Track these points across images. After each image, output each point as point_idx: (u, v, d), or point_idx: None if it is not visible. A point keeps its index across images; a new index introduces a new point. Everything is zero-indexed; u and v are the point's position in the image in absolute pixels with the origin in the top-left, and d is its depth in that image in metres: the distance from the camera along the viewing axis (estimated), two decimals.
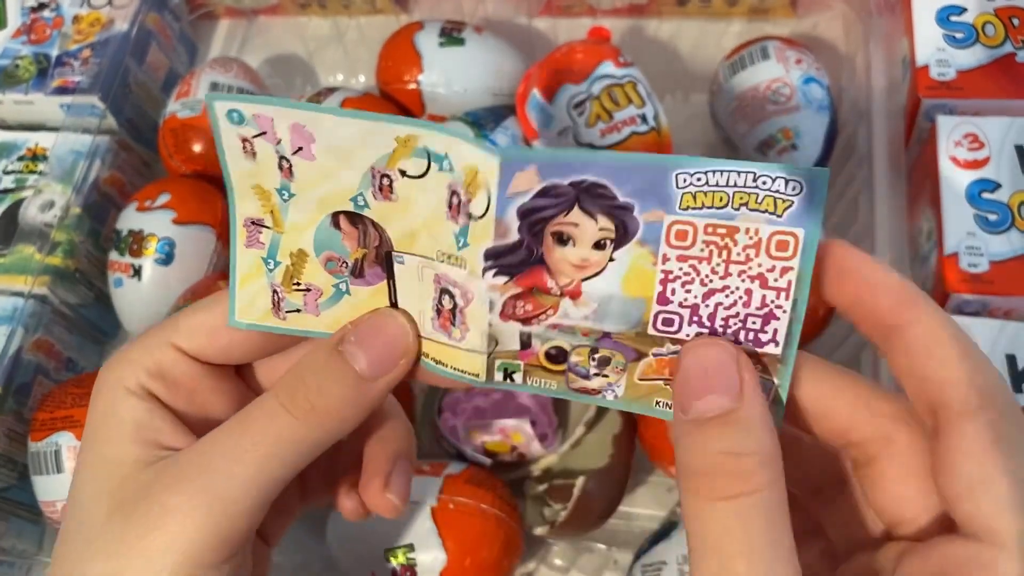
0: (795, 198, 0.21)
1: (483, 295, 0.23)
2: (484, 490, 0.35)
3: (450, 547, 0.34)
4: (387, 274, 0.25)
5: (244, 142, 0.24)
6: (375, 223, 0.24)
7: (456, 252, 0.23)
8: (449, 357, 0.24)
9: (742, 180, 0.21)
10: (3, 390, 0.41)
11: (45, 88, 0.50)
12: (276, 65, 0.57)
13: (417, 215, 0.24)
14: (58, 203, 0.45)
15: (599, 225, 0.22)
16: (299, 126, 0.24)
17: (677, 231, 0.22)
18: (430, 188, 0.23)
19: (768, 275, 0.21)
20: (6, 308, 0.43)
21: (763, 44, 0.44)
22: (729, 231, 0.21)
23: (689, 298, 0.22)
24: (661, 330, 0.23)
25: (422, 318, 0.24)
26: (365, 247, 0.24)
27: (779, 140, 0.42)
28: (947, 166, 0.41)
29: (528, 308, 0.23)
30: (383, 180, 0.24)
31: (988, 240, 0.39)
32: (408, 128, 0.23)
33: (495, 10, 0.51)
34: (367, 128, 0.23)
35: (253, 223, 0.25)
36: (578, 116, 0.43)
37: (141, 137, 0.52)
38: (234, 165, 0.25)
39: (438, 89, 0.47)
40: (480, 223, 0.22)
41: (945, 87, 0.43)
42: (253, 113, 0.24)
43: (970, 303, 0.38)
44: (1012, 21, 0.44)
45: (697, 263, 0.22)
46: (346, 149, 0.24)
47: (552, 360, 0.24)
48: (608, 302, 0.23)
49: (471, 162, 0.22)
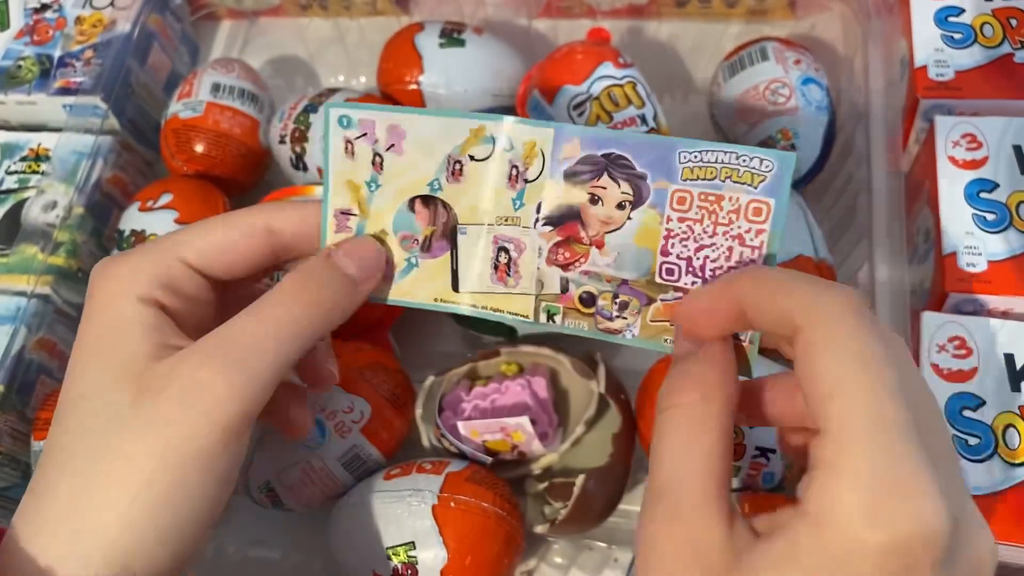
0: (768, 174, 0.27)
1: (534, 242, 0.29)
2: (485, 488, 0.35)
3: (451, 545, 0.34)
4: (451, 245, 0.31)
5: (347, 143, 0.30)
6: (445, 203, 0.30)
7: (513, 213, 0.30)
8: (504, 303, 0.30)
9: (728, 159, 0.27)
10: (6, 389, 0.41)
11: (48, 89, 0.51)
12: (278, 66, 0.57)
13: (480, 191, 0.30)
14: (61, 203, 0.45)
15: (621, 189, 0.28)
16: (395, 126, 0.30)
17: (678, 197, 0.28)
18: (493, 166, 0.29)
19: (745, 235, 0.27)
20: (9, 308, 0.43)
21: (762, 45, 0.45)
22: (717, 198, 0.28)
23: (684, 251, 0.28)
24: (665, 279, 0.28)
25: (481, 277, 0.30)
26: (435, 225, 0.30)
27: (778, 140, 0.42)
28: (945, 166, 0.41)
29: (566, 255, 0.29)
30: (456, 165, 0.30)
31: (986, 240, 0.39)
32: (479, 120, 0.29)
33: (495, 11, 0.51)
34: (447, 123, 0.30)
35: (342, 213, 0.31)
36: (578, 117, 0.43)
37: (143, 137, 0.52)
38: (335, 164, 0.31)
39: (439, 90, 0.47)
40: (534, 184, 0.29)
41: (943, 87, 0.43)
42: (360, 118, 0.30)
43: (968, 302, 0.39)
44: (1010, 22, 0.44)
45: (692, 223, 0.28)
46: (429, 142, 0.30)
47: (584, 303, 0.30)
48: (625, 251, 0.29)
49: (530, 138, 0.29)
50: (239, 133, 0.48)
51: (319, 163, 0.45)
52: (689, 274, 0.28)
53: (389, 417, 0.38)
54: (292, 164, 0.46)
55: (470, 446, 0.37)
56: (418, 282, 0.31)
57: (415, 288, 0.31)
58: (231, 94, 0.48)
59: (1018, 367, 0.37)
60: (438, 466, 0.36)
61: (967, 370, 0.37)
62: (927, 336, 0.38)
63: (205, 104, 0.47)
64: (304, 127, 0.45)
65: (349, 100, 0.46)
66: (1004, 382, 0.36)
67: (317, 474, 0.37)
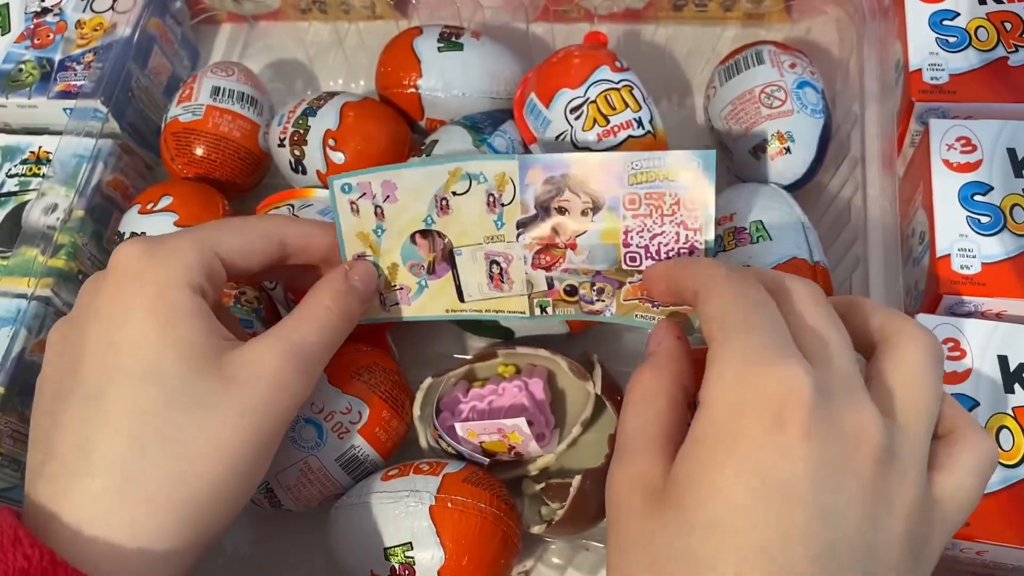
0: (696, 170, 0.34)
1: (519, 253, 0.36)
2: (482, 489, 0.36)
3: (448, 545, 0.34)
4: (451, 265, 0.37)
5: (351, 204, 0.37)
6: (439, 233, 0.37)
7: (497, 232, 0.36)
8: (503, 304, 0.37)
9: (662, 163, 0.34)
10: (6, 391, 0.42)
11: (48, 92, 0.51)
12: (277, 69, 0.57)
13: (466, 218, 0.36)
14: (61, 206, 0.45)
15: (582, 200, 0.35)
16: (388, 181, 0.36)
17: (629, 199, 0.35)
18: (473, 198, 0.36)
19: (687, 221, 0.34)
20: (9, 310, 0.43)
21: (757, 49, 0.45)
22: (659, 196, 0.34)
23: (642, 241, 0.35)
24: (629, 265, 0.35)
25: (480, 287, 0.37)
26: (435, 251, 0.37)
27: (773, 143, 0.43)
28: (940, 169, 0.41)
29: (547, 259, 0.36)
30: (442, 202, 0.36)
31: (980, 242, 0.39)
32: (455, 163, 0.36)
33: (493, 15, 0.52)
34: (428, 171, 0.36)
35: (359, 256, 0.38)
36: (575, 120, 0.43)
37: (143, 140, 0.52)
38: (345, 222, 0.37)
39: (437, 93, 0.47)
40: (510, 207, 0.35)
41: (938, 91, 0.43)
42: (357, 182, 0.37)
43: (962, 304, 0.39)
44: (1004, 25, 0.44)
45: (644, 218, 0.34)
46: (417, 188, 0.36)
47: (568, 294, 0.36)
48: (595, 249, 0.35)
49: (499, 170, 0.35)
50: (239, 136, 0.48)
51: (318, 167, 0.46)
52: (648, 259, 0.35)
53: (387, 418, 0.39)
54: (291, 167, 0.47)
55: (467, 447, 0.38)
56: (429, 299, 0.38)
57: (428, 304, 0.38)
58: (231, 98, 0.48)
59: (1012, 369, 0.37)
60: (435, 467, 0.37)
61: (961, 372, 0.37)
62: None
63: (205, 107, 0.47)
64: (303, 130, 0.46)
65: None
66: (998, 384, 0.37)
67: (315, 475, 0.38)
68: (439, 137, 0.45)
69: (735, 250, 0.40)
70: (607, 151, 0.38)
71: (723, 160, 0.47)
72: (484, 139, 0.44)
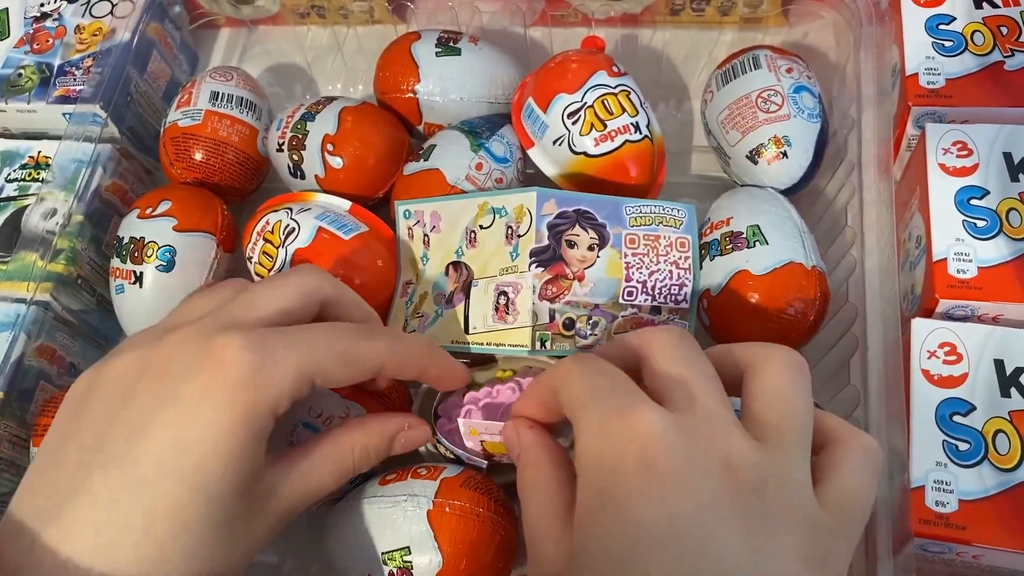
0: (683, 219, 0.41)
1: (529, 282, 0.37)
2: (480, 493, 0.36)
3: (445, 550, 0.34)
4: (466, 296, 0.39)
5: (409, 229, 0.42)
6: (466, 264, 0.39)
7: (511, 263, 0.38)
8: (504, 337, 0.38)
9: (658, 210, 0.40)
10: (6, 396, 0.42)
11: (47, 97, 0.51)
12: (276, 74, 0.58)
13: (488, 252, 0.39)
14: (60, 210, 0.45)
15: (590, 235, 0.38)
16: (435, 212, 0.41)
17: (629, 239, 0.39)
18: (495, 232, 0.39)
19: (679, 261, 0.40)
20: (9, 314, 0.43)
21: (754, 53, 0.45)
22: (656, 238, 0.39)
23: (640, 276, 0.39)
24: (626, 299, 0.39)
25: (484, 319, 0.38)
26: (458, 283, 0.39)
27: (770, 148, 0.43)
28: (936, 173, 0.41)
29: (554, 290, 0.37)
30: (471, 234, 0.39)
31: (976, 246, 0.39)
32: (484, 198, 0.39)
33: (491, 20, 0.52)
34: (463, 204, 0.40)
35: (407, 283, 0.41)
36: (572, 125, 0.43)
37: (143, 145, 0.53)
38: (403, 246, 0.42)
39: (435, 98, 0.47)
40: (525, 237, 0.38)
41: (934, 95, 0.43)
42: (415, 209, 0.41)
43: (959, 308, 0.39)
44: (1000, 30, 0.44)
45: (642, 256, 0.39)
46: (454, 219, 0.40)
47: (566, 328, 0.38)
48: (599, 282, 0.38)
49: (519, 203, 0.38)
50: (237, 141, 0.48)
51: (316, 171, 0.46)
52: (644, 293, 0.39)
53: (386, 402, 0.39)
54: (290, 172, 0.47)
55: (467, 449, 0.38)
56: (440, 328, 0.39)
57: (438, 333, 0.39)
58: (230, 102, 0.48)
59: (1008, 373, 0.37)
60: (433, 471, 0.37)
61: (957, 376, 0.37)
62: (918, 342, 0.38)
63: (204, 112, 0.47)
64: (302, 135, 0.46)
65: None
66: (994, 388, 0.37)
67: None
68: (437, 142, 0.45)
69: (732, 254, 0.40)
70: (614, 196, 0.40)
71: (720, 164, 0.47)
72: (482, 144, 0.44)
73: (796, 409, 0.27)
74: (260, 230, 0.44)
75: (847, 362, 0.40)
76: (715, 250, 0.41)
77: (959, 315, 0.39)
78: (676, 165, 0.50)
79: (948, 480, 0.35)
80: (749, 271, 0.39)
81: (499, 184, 0.44)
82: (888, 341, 0.38)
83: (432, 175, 0.44)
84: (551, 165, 0.45)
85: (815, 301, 0.39)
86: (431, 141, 0.46)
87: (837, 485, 0.27)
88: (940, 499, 0.35)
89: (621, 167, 0.43)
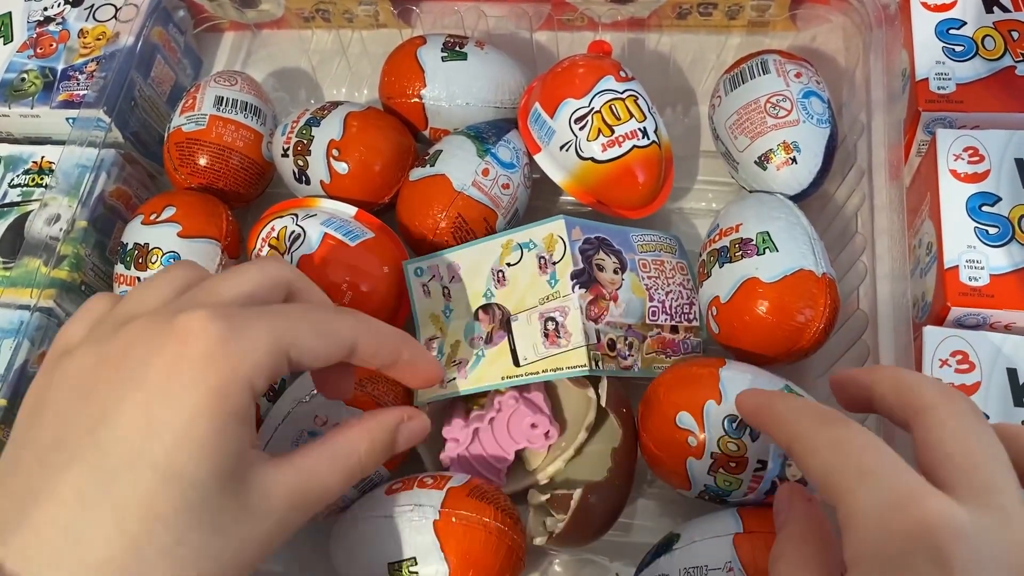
0: (675, 246, 0.44)
1: (576, 304, 0.37)
2: (486, 503, 0.35)
3: (452, 560, 0.34)
4: (507, 332, 0.38)
5: (423, 287, 0.41)
6: (499, 304, 0.39)
7: (551, 291, 0.38)
8: (561, 361, 0.37)
9: (656, 238, 0.43)
10: (8, 403, 0.41)
11: (51, 102, 0.51)
12: (280, 78, 0.57)
13: (522, 286, 0.38)
14: (64, 216, 0.45)
15: (612, 260, 0.40)
16: (452, 264, 0.40)
17: (641, 263, 0.41)
18: (525, 266, 0.39)
19: (684, 283, 0.43)
20: (12, 321, 0.43)
21: (763, 58, 0.45)
22: (661, 263, 0.42)
23: (660, 297, 0.41)
24: (651, 320, 0.40)
25: (535, 347, 0.37)
26: (494, 323, 0.39)
27: (779, 153, 0.42)
28: (947, 179, 0.41)
29: (596, 311, 0.38)
30: (499, 274, 0.39)
31: (988, 253, 0.39)
32: (507, 236, 0.39)
33: (497, 24, 0.51)
34: (483, 247, 0.40)
35: (430, 339, 0.40)
36: (580, 131, 0.43)
37: (147, 150, 0.52)
38: (419, 305, 0.41)
39: (441, 103, 0.47)
40: (562, 263, 0.38)
41: (945, 100, 0.43)
42: (427, 265, 0.41)
43: (970, 316, 0.39)
44: (1011, 34, 0.44)
45: (655, 279, 0.41)
46: (476, 265, 0.40)
47: (610, 348, 0.38)
48: (630, 303, 0.40)
49: (547, 232, 0.38)
50: (242, 146, 0.48)
51: (322, 177, 0.45)
52: (664, 313, 0.41)
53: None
54: (295, 177, 0.47)
55: (481, 465, 0.38)
56: (486, 368, 0.38)
57: (484, 374, 0.38)
58: (234, 107, 0.48)
59: (1021, 382, 0.37)
60: (440, 481, 0.36)
61: (970, 385, 0.37)
62: (929, 350, 0.38)
63: (208, 117, 0.47)
64: (306, 140, 0.45)
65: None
66: (1007, 397, 0.36)
67: None
68: (443, 147, 0.45)
69: (741, 261, 0.40)
70: (620, 225, 0.42)
71: (728, 170, 0.47)
72: (488, 149, 0.44)
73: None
74: (265, 236, 0.44)
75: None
76: (724, 257, 0.40)
77: (971, 323, 0.39)
78: (684, 170, 0.50)
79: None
80: (759, 278, 0.39)
81: (505, 190, 0.44)
82: (899, 349, 0.37)
83: (438, 181, 0.43)
84: (558, 171, 0.45)
85: (825, 309, 0.38)
86: (437, 146, 0.45)
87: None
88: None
89: (628, 173, 0.43)
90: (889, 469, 0.24)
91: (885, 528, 0.23)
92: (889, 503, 0.23)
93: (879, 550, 0.23)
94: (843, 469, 0.25)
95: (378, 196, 0.46)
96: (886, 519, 0.23)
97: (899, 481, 0.24)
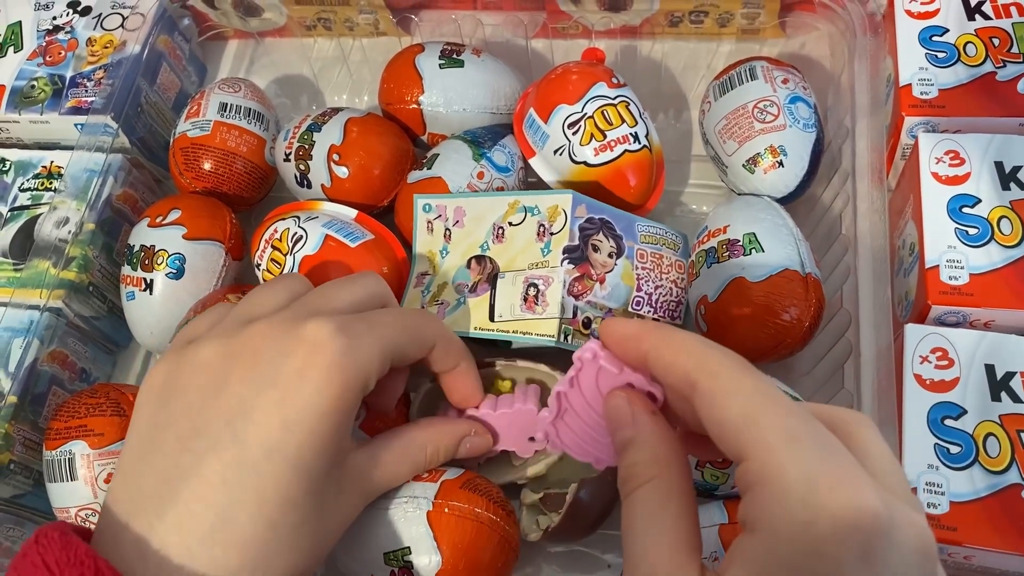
0: (680, 245, 0.44)
1: (560, 277, 0.38)
2: (479, 495, 0.36)
3: (445, 551, 0.35)
4: (492, 287, 0.40)
5: (428, 223, 0.43)
6: (491, 258, 0.41)
7: (541, 259, 0.39)
8: (531, 327, 0.39)
9: (662, 232, 0.43)
10: (19, 400, 0.43)
11: (60, 108, 0.52)
12: (283, 85, 0.59)
13: (517, 247, 0.40)
14: (73, 219, 0.46)
15: (610, 243, 0.41)
16: (459, 208, 0.42)
17: (640, 253, 0.42)
18: (525, 228, 0.40)
19: (677, 281, 0.43)
20: (23, 321, 0.44)
21: (751, 64, 0.46)
22: (660, 256, 0.43)
23: (648, 289, 0.42)
24: (634, 308, 0.41)
25: (512, 308, 0.39)
26: (482, 275, 0.41)
27: (766, 157, 0.44)
28: (929, 182, 0.42)
29: (579, 288, 0.39)
30: (499, 230, 0.41)
31: (968, 253, 0.40)
32: (515, 196, 0.41)
33: (493, 32, 0.53)
34: (492, 201, 0.41)
35: (422, 274, 0.43)
36: (573, 135, 0.44)
37: (153, 155, 0.54)
38: (420, 239, 0.43)
39: (438, 109, 0.48)
40: (558, 235, 0.39)
41: (927, 105, 0.44)
42: (436, 204, 0.43)
43: (951, 314, 0.40)
44: (992, 41, 0.45)
45: (649, 271, 0.42)
46: (481, 216, 0.41)
47: (584, 326, 0.39)
48: (616, 287, 0.40)
49: (553, 203, 0.40)
50: (245, 151, 0.49)
51: (322, 180, 0.47)
52: (648, 305, 0.42)
53: (385, 422, 0.39)
54: (297, 181, 0.48)
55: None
56: (462, 316, 0.40)
57: (459, 320, 0.40)
58: (238, 113, 0.49)
59: (999, 377, 0.38)
60: (434, 474, 0.37)
61: (949, 380, 0.38)
62: (910, 347, 0.39)
63: (213, 123, 0.48)
64: (308, 145, 0.47)
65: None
66: (985, 392, 0.37)
67: None
68: (440, 151, 0.46)
69: (728, 262, 0.41)
70: (629, 213, 0.42)
71: (718, 173, 0.48)
72: (484, 153, 0.45)
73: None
74: (268, 238, 0.45)
75: (841, 367, 0.41)
76: (712, 257, 0.42)
77: (951, 321, 0.40)
78: (675, 174, 0.51)
79: (939, 482, 0.36)
80: (745, 278, 0.40)
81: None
82: (881, 346, 0.38)
83: (435, 183, 0.45)
84: (552, 174, 0.46)
85: (810, 307, 0.40)
86: (434, 151, 0.47)
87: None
88: (932, 501, 0.35)
89: (620, 176, 0.44)
90: (822, 439, 0.23)
91: (813, 503, 0.21)
92: (825, 482, 0.21)
93: (805, 530, 0.21)
94: (770, 426, 0.23)
95: (378, 199, 0.47)
96: (817, 499, 0.21)
97: (842, 464, 0.22)
